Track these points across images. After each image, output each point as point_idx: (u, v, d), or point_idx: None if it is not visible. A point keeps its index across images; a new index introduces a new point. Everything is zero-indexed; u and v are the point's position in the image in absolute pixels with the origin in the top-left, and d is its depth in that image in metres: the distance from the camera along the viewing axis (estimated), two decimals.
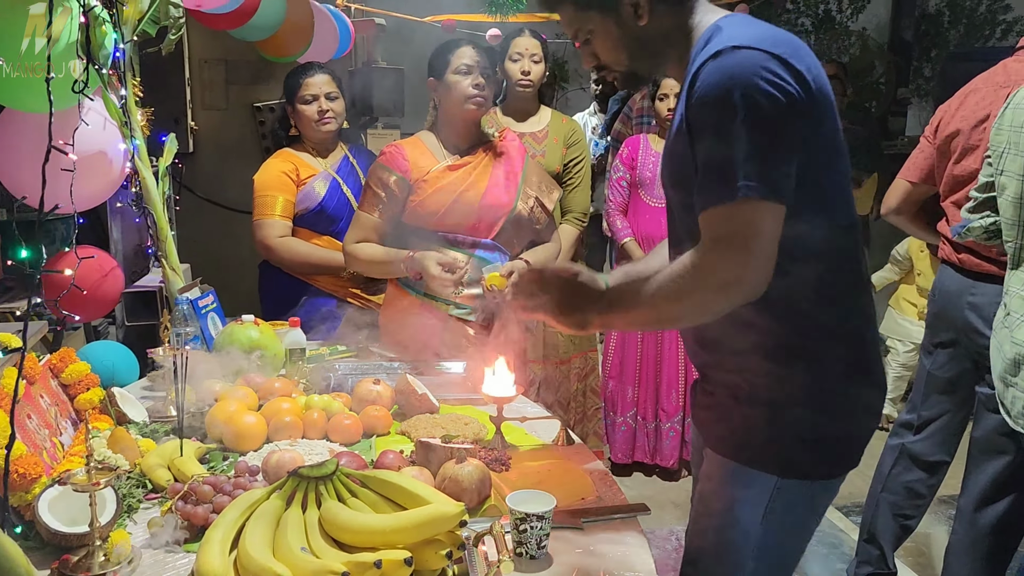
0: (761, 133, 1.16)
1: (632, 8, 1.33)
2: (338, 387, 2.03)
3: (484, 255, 2.26)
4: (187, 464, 1.54)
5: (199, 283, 2.23)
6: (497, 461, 1.62)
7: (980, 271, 2.25)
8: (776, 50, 1.19)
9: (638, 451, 3.59)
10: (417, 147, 2.32)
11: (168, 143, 2.24)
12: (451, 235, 2.25)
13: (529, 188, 2.34)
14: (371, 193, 2.29)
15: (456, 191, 2.24)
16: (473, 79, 2.21)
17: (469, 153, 2.32)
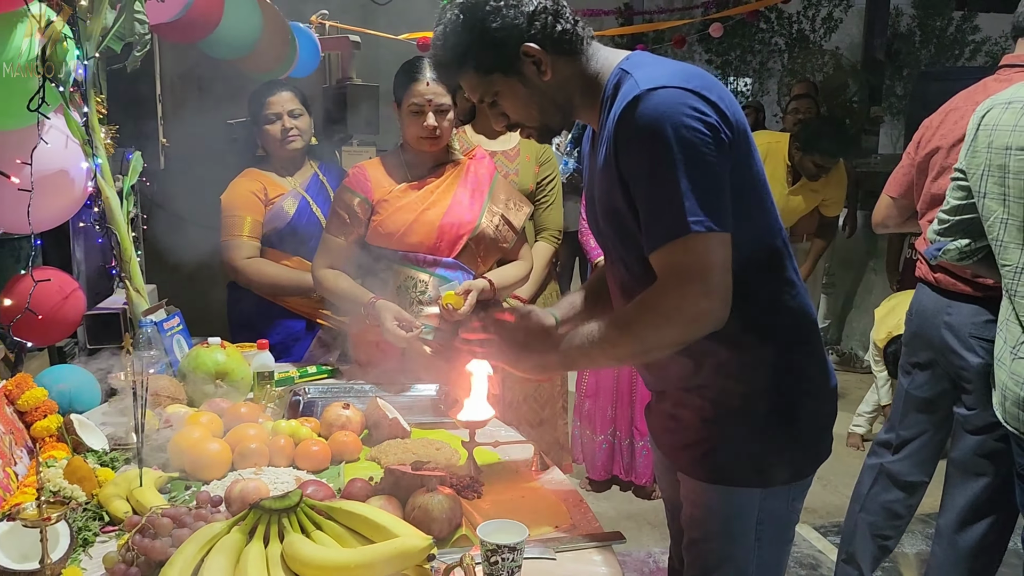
0: (695, 167, 1.21)
1: (534, 66, 1.35)
2: (307, 412, 1.99)
3: (445, 274, 2.23)
4: (146, 495, 1.48)
5: (165, 304, 2.17)
6: (469, 488, 1.58)
7: (955, 291, 2.25)
8: (690, 85, 1.24)
9: (615, 466, 3.59)
10: (380, 168, 2.30)
11: (133, 161, 2.19)
12: (411, 254, 2.22)
13: (495, 206, 2.32)
14: (336, 216, 2.27)
15: (417, 210, 2.22)
16: (424, 120, 2.18)
17: (433, 173, 2.30)
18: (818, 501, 3.52)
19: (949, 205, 1.93)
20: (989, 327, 2.17)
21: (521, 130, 1.45)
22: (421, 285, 2.21)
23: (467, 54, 1.34)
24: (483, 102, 1.41)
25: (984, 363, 2.18)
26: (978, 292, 2.19)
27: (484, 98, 1.40)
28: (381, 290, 2.22)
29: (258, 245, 2.64)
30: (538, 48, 1.33)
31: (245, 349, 2.19)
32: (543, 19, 1.33)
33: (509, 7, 1.31)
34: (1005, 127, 1.76)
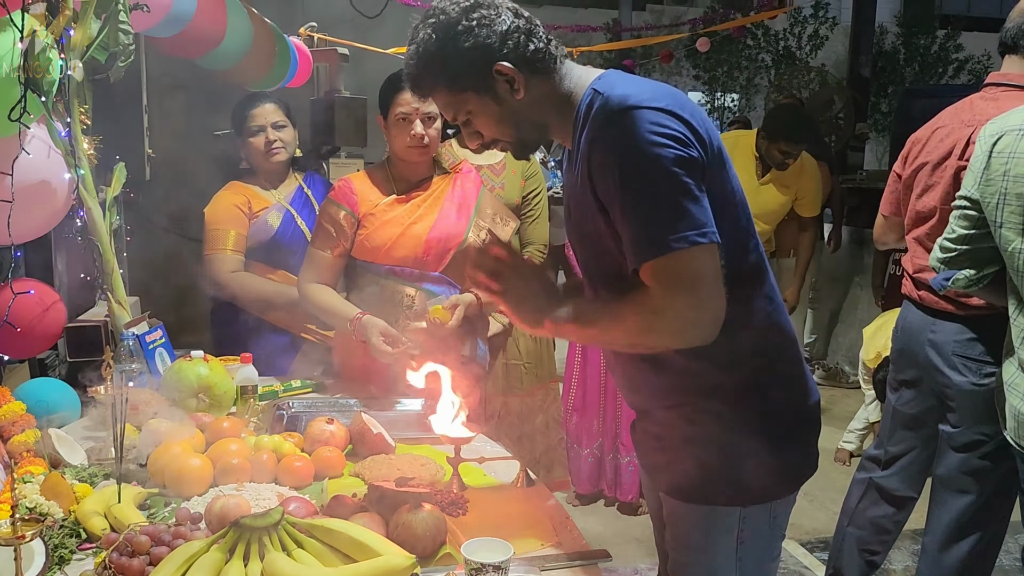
0: (671, 184, 1.21)
1: (507, 84, 1.34)
2: (291, 426, 1.96)
3: (432, 288, 2.22)
4: (125, 511, 1.45)
5: (147, 317, 2.15)
6: (453, 505, 1.56)
7: (939, 309, 2.25)
8: (661, 104, 1.24)
9: (602, 481, 3.56)
10: (367, 181, 2.29)
11: (116, 172, 2.17)
12: (398, 268, 2.21)
13: (482, 220, 2.31)
14: (322, 230, 2.26)
15: (403, 224, 2.22)
16: (411, 129, 2.17)
17: (420, 186, 2.29)
18: (805, 517, 3.52)
19: (955, 234, 1.88)
20: (972, 345, 2.18)
21: (496, 147, 1.44)
22: (408, 299, 2.20)
23: (439, 73, 1.33)
24: (456, 120, 1.40)
25: (968, 381, 2.18)
26: (961, 311, 2.20)
27: (457, 116, 1.39)
28: (367, 304, 2.21)
29: (242, 259, 2.62)
30: (511, 67, 1.32)
31: (228, 363, 2.17)
32: (516, 38, 1.32)
33: (482, 26, 1.30)
34: (1023, 155, 1.73)
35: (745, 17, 7.27)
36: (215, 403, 1.98)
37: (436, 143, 2.27)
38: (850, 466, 4.03)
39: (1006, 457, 2.17)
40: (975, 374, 2.17)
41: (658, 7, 13.36)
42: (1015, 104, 2.09)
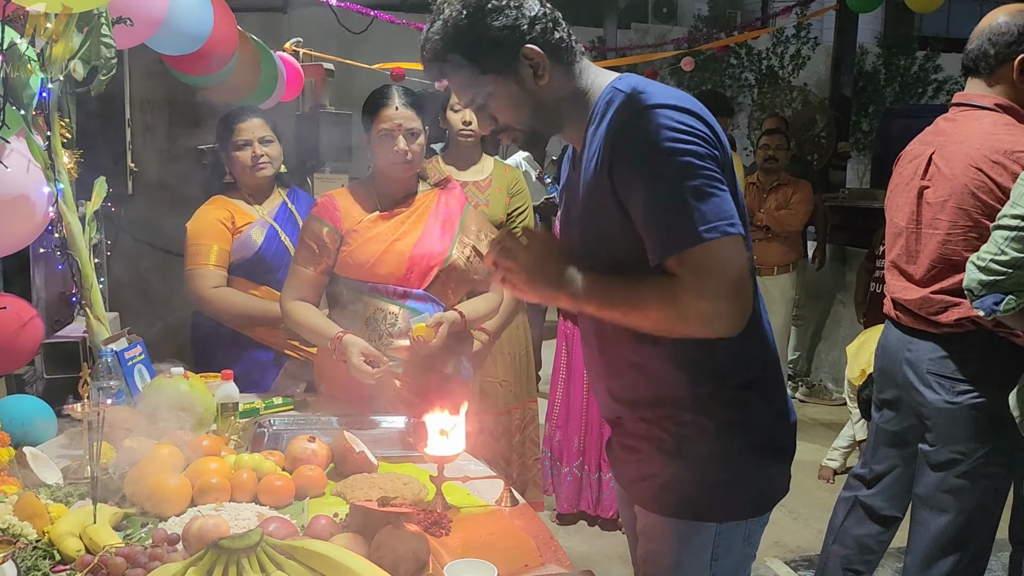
0: (699, 178, 1.24)
1: (531, 69, 1.34)
2: (272, 444, 1.94)
3: (415, 306, 2.20)
4: (100, 532, 1.42)
5: (127, 333, 2.12)
6: (436, 525, 1.54)
7: (915, 328, 2.27)
8: (687, 105, 1.28)
9: (583, 501, 3.53)
10: (350, 197, 2.27)
11: (96, 186, 2.15)
12: (381, 286, 2.19)
13: (467, 237, 2.30)
14: (305, 246, 2.23)
15: (387, 241, 2.20)
16: (395, 145, 2.16)
17: (404, 203, 2.28)
18: (789, 535, 3.51)
19: (1007, 256, 1.83)
20: (945, 363, 2.19)
21: (506, 135, 1.42)
22: (391, 317, 2.18)
23: (465, 51, 1.32)
24: (473, 103, 1.39)
25: (941, 399, 2.18)
26: (935, 329, 2.21)
27: (475, 99, 1.38)
28: (350, 322, 2.19)
29: (225, 274, 2.60)
30: (539, 51, 1.32)
31: (209, 380, 2.14)
32: (544, 23, 1.33)
33: (511, 8, 1.31)
34: None
35: (729, 37, 7.35)
36: (195, 421, 1.94)
37: (419, 159, 2.26)
38: (834, 483, 4.03)
39: (984, 476, 2.18)
40: (948, 392, 2.18)
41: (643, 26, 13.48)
42: (972, 124, 2.14)
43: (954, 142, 2.16)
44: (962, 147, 2.13)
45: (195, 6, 2.41)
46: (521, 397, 3.13)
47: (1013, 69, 2.09)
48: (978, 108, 2.15)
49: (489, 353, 3.02)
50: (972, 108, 2.17)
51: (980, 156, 2.07)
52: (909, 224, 2.26)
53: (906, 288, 2.27)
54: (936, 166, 2.19)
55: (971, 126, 2.14)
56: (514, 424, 3.13)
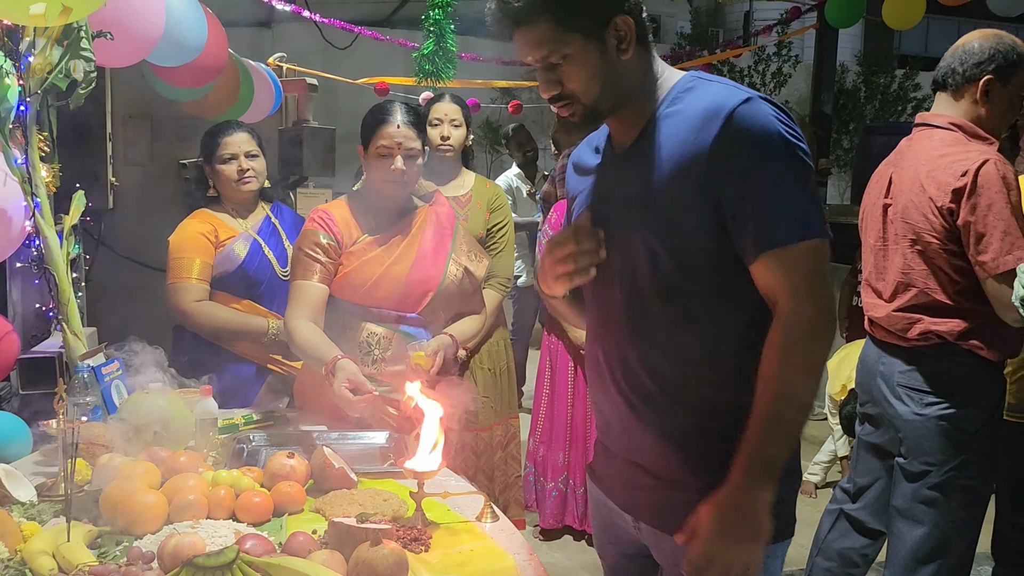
0: (806, 176, 1.25)
1: (617, 40, 1.29)
2: (251, 460, 1.92)
3: (409, 330, 2.19)
4: (74, 550, 1.40)
5: (104, 348, 2.10)
6: (416, 541, 1.53)
7: (886, 341, 2.30)
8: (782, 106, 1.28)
9: (568, 516, 3.51)
10: (345, 212, 2.23)
11: (75, 200, 2.13)
12: (375, 309, 2.18)
13: (459, 257, 2.29)
14: (305, 259, 2.17)
15: (382, 265, 2.17)
16: (393, 164, 2.13)
17: (398, 220, 2.25)
18: None
19: None
20: (913, 375, 2.22)
21: (566, 106, 1.33)
22: (384, 342, 2.17)
23: (558, 3, 1.25)
24: (545, 60, 1.29)
25: (910, 411, 2.22)
26: (904, 343, 2.24)
27: (550, 57, 1.28)
28: (340, 344, 2.15)
29: (207, 288, 2.58)
30: (631, 23, 1.27)
31: (188, 395, 2.12)
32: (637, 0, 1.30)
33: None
34: None
35: (711, 55, 7.43)
36: (173, 437, 1.92)
37: (415, 180, 2.23)
38: (816, 498, 4.04)
39: (957, 488, 2.20)
40: (917, 404, 2.21)
41: None
42: (924, 143, 2.21)
43: (907, 160, 2.25)
44: (912, 165, 2.21)
45: (191, 18, 2.41)
46: (503, 414, 3.11)
47: (978, 89, 2.16)
48: (933, 127, 2.22)
49: (468, 369, 3.02)
50: (928, 127, 2.25)
51: (924, 173, 2.16)
52: (876, 242, 2.33)
53: (876, 305, 2.32)
54: (894, 184, 2.26)
55: (923, 144, 2.23)
56: (495, 440, 3.12)
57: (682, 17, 13.78)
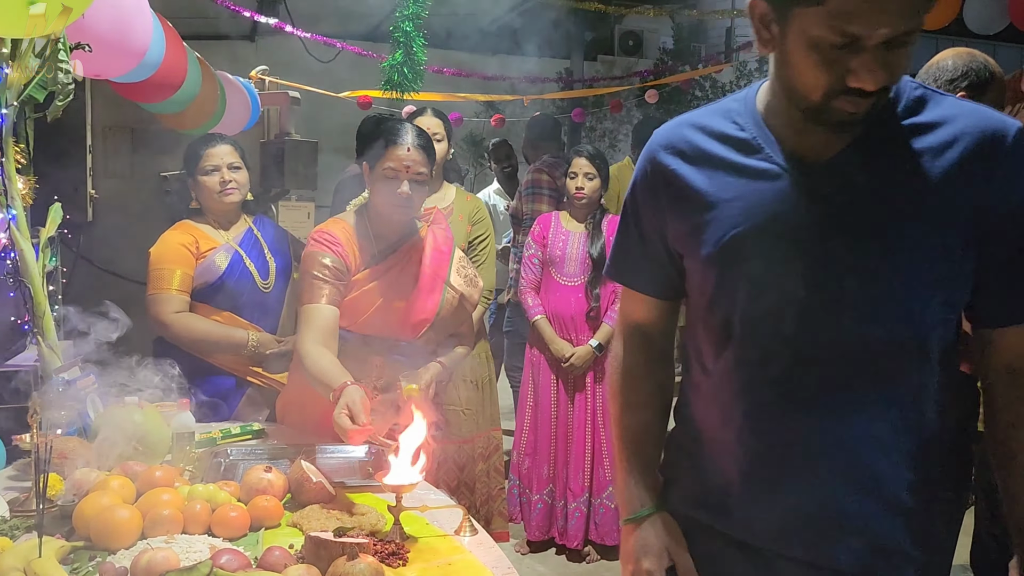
0: None
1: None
2: (228, 475, 1.90)
3: (401, 359, 2.17)
4: (45, 566, 1.38)
5: (79, 362, 2.07)
6: (394, 555, 1.52)
7: None
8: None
9: (553, 528, 3.52)
10: (347, 231, 2.18)
11: (52, 212, 2.11)
12: (371, 337, 2.17)
13: (455, 283, 2.27)
14: (312, 280, 2.10)
15: (382, 295, 2.16)
16: (400, 188, 2.08)
17: (399, 246, 2.23)
18: None
19: None
20: None
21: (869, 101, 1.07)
22: (377, 370, 2.12)
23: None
24: (905, 31, 1.01)
25: None
26: None
27: (912, 28, 1.02)
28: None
29: (187, 299, 2.57)
30: None
31: (165, 408, 2.10)
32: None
33: None
34: None
35: (693, 70, 7.49)
36: (149, 451, 1.91)
37: (421, 204, 2.19)
38: None
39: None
40: None
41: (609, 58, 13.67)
42: None
43: None
44: None
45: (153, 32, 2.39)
46: (484, 425, 3.12)
47: None
48: None
49: (451, 381, 3.01)
50: None
51: None
52: None
53: None
54: None
55: None
56: (477, 452, 3.11)
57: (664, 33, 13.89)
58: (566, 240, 3.43)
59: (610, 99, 7.28)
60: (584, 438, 3.44)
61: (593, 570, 3.44)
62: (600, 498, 3.43)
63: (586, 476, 3.42)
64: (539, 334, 3.43)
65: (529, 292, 3.48)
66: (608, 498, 3.43)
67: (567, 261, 3.40)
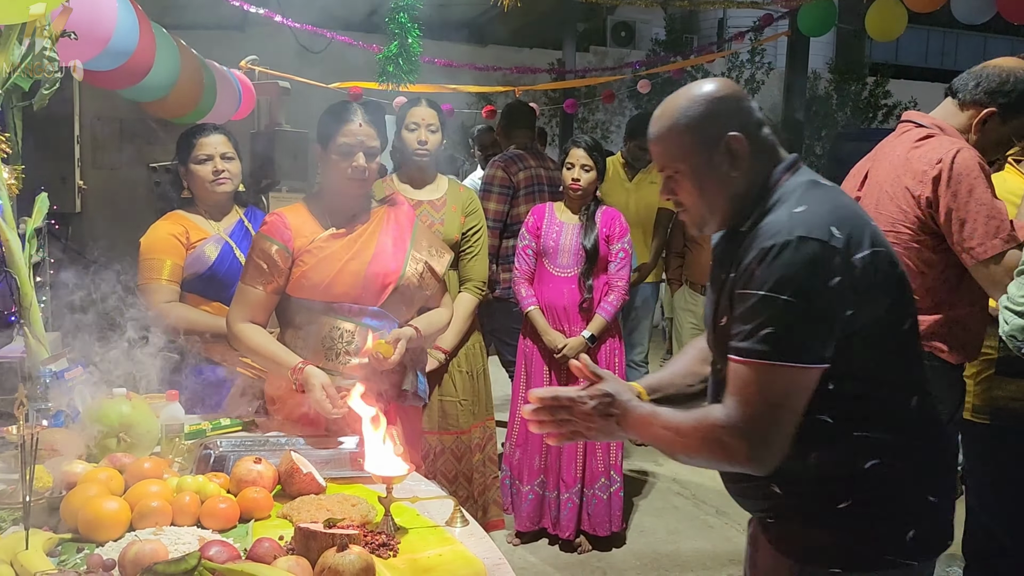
0: None
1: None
2: (218, 466, 1.89)
3: (371, 323, 2.17)
4: (32, 558, 1.37)
5: (67, 353, 2.06)
6: (384, 546, 1.52)
7: None
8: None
9: (544, 519, 3.51)
10: (300, 214, 2.21)
11: (38, 203, 2.09)
12: (336, 304, 2.16)
13: (418, 252, 2.27)
14: (253, 265, 2.17)
15: (341, 260, 2.16)
16: (355, 161, 2.14)
17: (355, 221, 2.24)
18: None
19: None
20: None
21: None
22: (347, 335, 2.15)
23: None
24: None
25: None
26: None
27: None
28: (305, 341, 2.15)
29: (178, 289, 2.56)
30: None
31: (153, 400, 2.09)
32: None
33: None
34: None
35: (685, 60, 7.47)
36: (137, 443, 1.89)
37: (374, 178, 2.23)
38: None
39: None
40: None
41: (601, 49, 13.65)
42: (902, 137, 2.22)
43: (884, 154, 2.25)
44: (888, 158, 2.22)
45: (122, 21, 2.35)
46: (480, 416, 3.12)
47: (978, 115, 2.15)
48: (917, 125, 2.22)
49: (447, 372, 3.01)
50: (912, 124, 2.25)
51: (900, 163, 2.16)
52: None
53: None
54: (869, 179, 2.27)
55: (901, 139, 2.23)
56: (474, 443, 3.12)
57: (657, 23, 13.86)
58: (560, 231, 3.41)
59: (602, 90, 7.26)
60: None
61: (585, 560, 3.45)
62: (593, 488, 3.43)
63: (579, 467, 3.42)
64: (532, 325, 3.42)
65: (523, 283, 3.47)
66: (600, 489, 3.43)
67: (560, 252, 3.39)
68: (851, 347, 1.32)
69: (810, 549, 1.40)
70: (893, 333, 1.37)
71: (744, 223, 1.41)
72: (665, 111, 1.46)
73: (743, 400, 1.29)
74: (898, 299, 1.37)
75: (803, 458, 1.35)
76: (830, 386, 1.32)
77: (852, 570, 1.38)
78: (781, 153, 1.47)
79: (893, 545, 1.37)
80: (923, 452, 1.40)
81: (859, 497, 1.37)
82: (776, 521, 1.45)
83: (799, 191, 1.39)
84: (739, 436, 1.29)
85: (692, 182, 1.43)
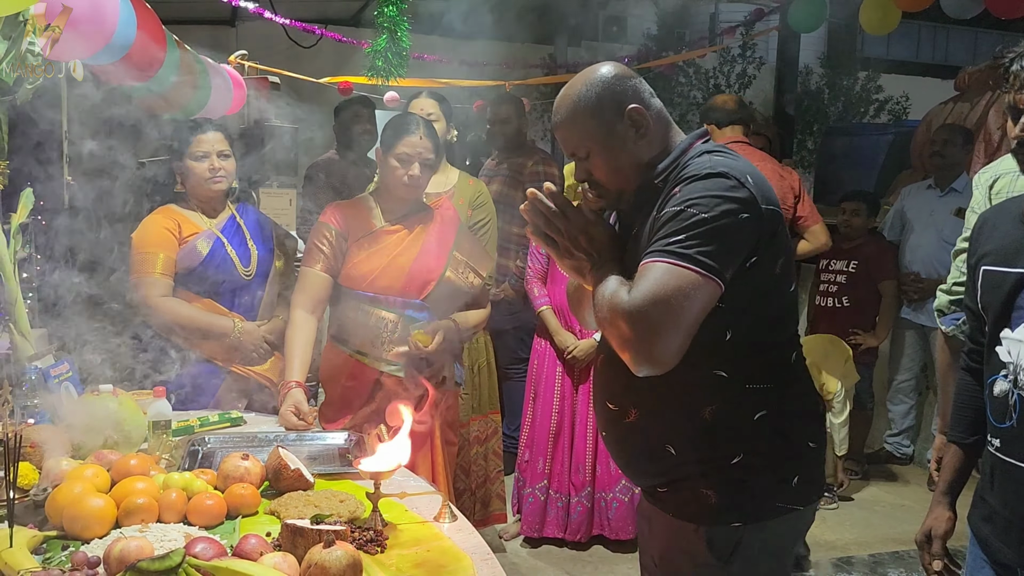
0: None
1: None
2: (205, 463, 1.89)
3: (413, 315, 2.35)
4: (16, 556, 1.36)
5: (54, 350, 2.05)
6: (371, 542, 1.51)
7: None
8: None
9: (549, 525, 3.38)
10: (357, 209, 2.44)
11: (23, 198, 2.08)
12: (381, 296, 2.35)
13: (459, 253, 2.45)
14: (314, 248, 2.39)
15: (389, 255, 2.36)
16: (411, 170, 2.33)
17: (406, 220, 2.43)
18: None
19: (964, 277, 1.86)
20: None
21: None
22: (391, 325, 2.33)
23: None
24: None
25: None
26: None
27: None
28: (352, 329, 2.35)
29: (171, 283, 2.55)
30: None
31: (140, 397, 2.08)
32: None
33: None
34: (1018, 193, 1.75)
35: (676, 55, 7.47)
36: (124, 440, 1.89)
37: (424, 186, 2.43)
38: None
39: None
40: None
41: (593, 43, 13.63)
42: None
43: None
44: None
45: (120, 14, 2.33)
46: (482, 409, 3.13)
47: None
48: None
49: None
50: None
51: None
52: None
53: None
54: None
55: None
56: (472, 436, 3.12)
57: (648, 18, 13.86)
58: None
59: None
60: (587, 431, 3.35)
61: (594, 563, 3.38)
62: (612, 492, 3.30)
63: (588, 470, 3.33)
64: (544, 325, 3.38)
65: (535, 282, 3.41)
66: (621, 492, 3.30)
67: None
68: (747, 295, 1.40)
69: (710, 508, 1.45)
70: (780, 291, 1.47)
71: (659, 178, 1.49)
72: (565, 99, 1.51)
73: (641, 292, 1.34)
74: (788, 261, 1.47)
75: (699, 412, 1.43)
76: (728, 335, 1.41)
77: (750, 521, 1.45)
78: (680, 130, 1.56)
79: (782, 492, 1.46)
80: (802, 401, 1.51)
81: (749, 447, 1.44)
82: (670, 490, 1.51)
83: (715, 152, 1.47)
84: (631, 322, 1.34)
85: (603, 158, 1.49)
